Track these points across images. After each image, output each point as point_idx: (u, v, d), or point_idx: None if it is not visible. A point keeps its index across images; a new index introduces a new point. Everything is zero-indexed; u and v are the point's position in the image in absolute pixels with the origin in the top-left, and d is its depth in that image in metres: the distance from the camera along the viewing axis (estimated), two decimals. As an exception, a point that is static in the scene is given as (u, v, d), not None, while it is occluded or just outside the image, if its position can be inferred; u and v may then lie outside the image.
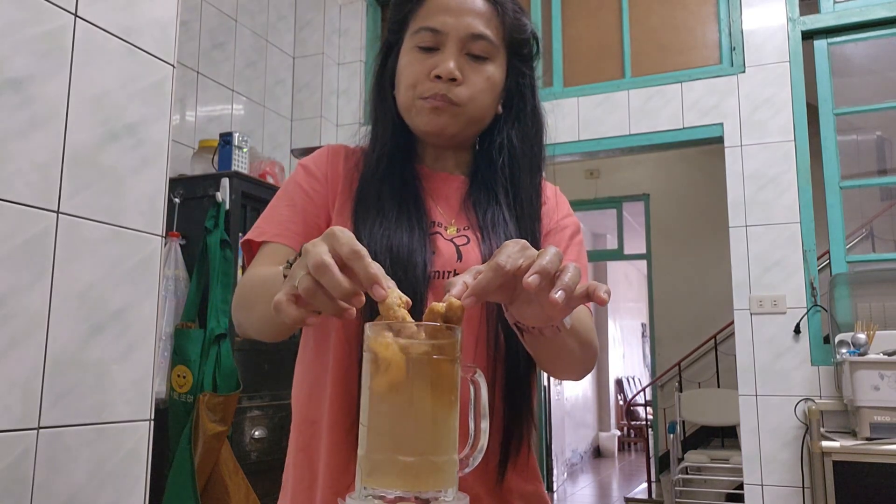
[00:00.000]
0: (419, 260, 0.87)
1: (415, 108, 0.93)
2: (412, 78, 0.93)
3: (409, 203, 0.92)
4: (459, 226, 0.95)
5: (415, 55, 0.94)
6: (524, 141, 0.98)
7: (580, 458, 8.58)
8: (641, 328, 11.21)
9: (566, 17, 3.64)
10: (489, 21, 0.94)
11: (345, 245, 0.62)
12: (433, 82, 0.91)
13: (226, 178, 2.58)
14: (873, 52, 3.61)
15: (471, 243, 0.92)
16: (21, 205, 1.02)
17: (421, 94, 0.92)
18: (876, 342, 2.61)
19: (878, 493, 2.37)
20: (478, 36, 0.92)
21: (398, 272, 0.85)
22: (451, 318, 0.70)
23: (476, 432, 0.73)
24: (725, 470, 4.83)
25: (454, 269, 0.90)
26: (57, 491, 1.06)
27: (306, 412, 0.93)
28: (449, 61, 0.90)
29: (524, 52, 1.01)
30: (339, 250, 0.62)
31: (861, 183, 3.64)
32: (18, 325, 1.01)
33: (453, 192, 0.98)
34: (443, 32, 0.92)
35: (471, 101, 0.92)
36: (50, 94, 1.08)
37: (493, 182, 0.96)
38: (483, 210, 0.94)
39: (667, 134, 3.28)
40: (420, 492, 0.65)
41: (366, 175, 0.95)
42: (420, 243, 0.88)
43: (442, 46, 0.92)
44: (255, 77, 3.21)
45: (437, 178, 0.99)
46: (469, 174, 1.00)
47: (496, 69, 0.95)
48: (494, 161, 0.97)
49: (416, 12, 0.95)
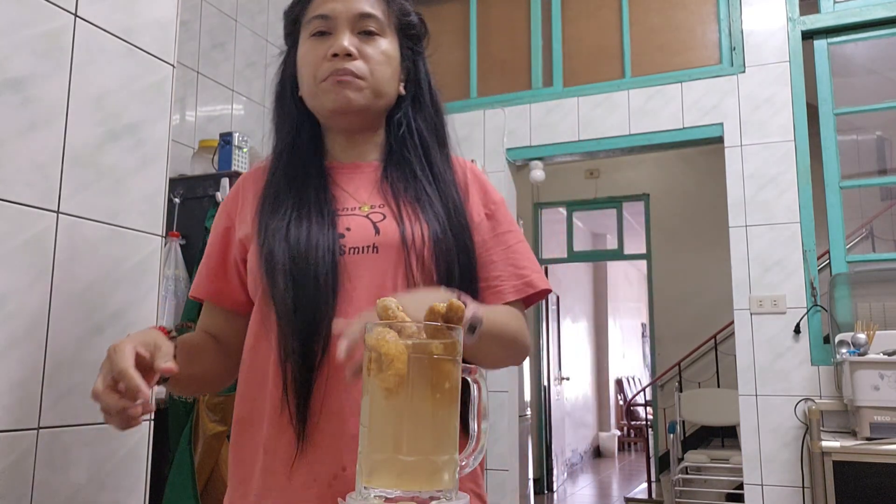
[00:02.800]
0: (321, 245, 0.89)
1: (319, 90, 0.97)
2: (311, 64, 0.97)
3: (309, 194, 0.95)
4: (373, 204, 0.97)
5: (310, 44, 0.98)
6: (427, 119, 1.03)
7: (580, 458, 8.58)
8: (641, 328, 11.20)
9: (566, 17, 3.63)
10: (374, 4, 0.99)
11: (115, 367, 0.77)
12: (331, 61, 0.95)
13: (226, 178, 2.58)
14: (873, 52, 3.61)
15: (387, 219, 0.94)
16: (21, 205, 1.02)
17: (322, 76, 0.96)
18: (876, 342, 2.61)
19: (878, 493, 2.37)
20: (366, 14, 0.97)
21: (299, 262, 0.88)
22: (452, 319, 0.70)
23: (476, 432, 0.73)
24: (725, 470, 4.82)
25: (373, 242, 0.92)
26: (57, 491, 1.06)
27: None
28: (342, 39, 0.95)
29: (412, 33, 1.05)
30: (113, 370, 0.77)
31: (861, 183, 3.64)
32: (18, 325, 1.01)
33: (367, 177, 1.01)
34: (332, 17, 0.97)
35: (371, 74, 0.96)
36: (50, 94, 1.08)
37: (409, 160, 1.00)
38: (403, 187, 0.97)
39: (667, 134, 3.28)
40: (420, 492, 0.64)
41: (268, 175, 1.00)
42: (321, 231, 0.91)
43: (333, 30, 0.97)
44: (255, 77, 3.21)
45: (348, 168, 1.02)
46: (381, 158, 1.02)
47: (389, 44, 1.00)
48: (405, 140, 1.01)
49: (305, 10, 1.00)
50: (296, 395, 0.87)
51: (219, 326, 1.02)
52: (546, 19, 3.66)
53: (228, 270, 1.00)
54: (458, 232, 0.95)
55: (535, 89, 3.59)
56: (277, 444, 0.89)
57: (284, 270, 0.89)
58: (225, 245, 1.02)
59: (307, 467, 0.87)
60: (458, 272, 0.93)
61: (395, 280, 0.91)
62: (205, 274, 1.02)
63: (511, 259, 1.00)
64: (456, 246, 0.94)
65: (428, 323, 0.69)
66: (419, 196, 0.96)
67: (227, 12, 3.09)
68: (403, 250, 0.91)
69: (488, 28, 3.77)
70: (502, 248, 1.00)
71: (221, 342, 1.02)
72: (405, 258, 0.91)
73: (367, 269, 0.91)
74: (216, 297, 1.02)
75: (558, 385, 7.43)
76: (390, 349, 0.64)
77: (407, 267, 0.91)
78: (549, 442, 6.75)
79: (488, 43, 3.75)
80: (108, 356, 0.79)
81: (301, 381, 0.87)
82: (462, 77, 3.74)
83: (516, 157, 3.57)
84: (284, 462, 0.88)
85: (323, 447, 0.87)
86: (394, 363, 0.64)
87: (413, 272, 0.91)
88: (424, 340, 0.66)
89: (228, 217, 1.03)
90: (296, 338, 0.87)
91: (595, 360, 9.77)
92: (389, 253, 0.92)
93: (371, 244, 0.92)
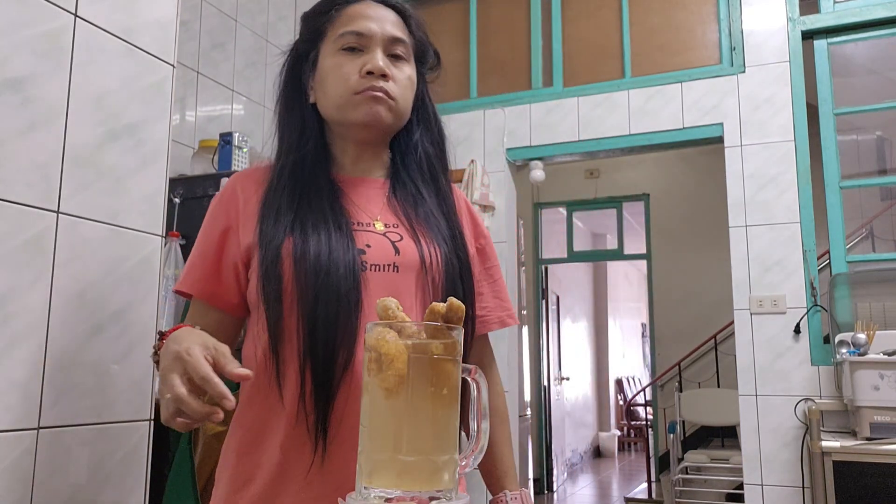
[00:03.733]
0: (344, 259, 0.90)
1: (350, 103, 0.98)
2: (344, 77, 0.98)
3: (323, 204, 0.96)
4: (387, 223, 0.98)
5: (342, 57, 0.99)
6: (434, 144, 1.07)
7: (580, 458, 8.58)
8: (641, 328, 11.20)
9: (566, 17, 3.63)
10: (402, 29, 1.02)
11: (195, 372, 0.74)
12: (365, 78, 0.97)
13: (226, 178, 2.58)
14: (873, 52, 3.61)
15: (405, 240, 0.97)
16: (21, 205, 1.02)
17: (354, 89, 0.97)
18: (876, 342, 2.61)
19: (878, 493, 2.37)
20: (397, 39, 1.00)
21: (320, 275, 0.88)
22: (452, 318, 0.70)
23: (476, 432, 0.73)
24: (725, 470, 4.82)
25: (393, 262, 0.94)
26: (57, 491, 1.06)
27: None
28: (378, 59, 0.97)
29: (426, 62, 1.08)
30: (192, 376, 0.75)
31: (861, 183, 3.64)
32: (18, 325, 1.01)
33: (374, 193, 1.02)
34: (367, 35, 0.98)
35: (400, 97, 0.99)
36: (50, 94, 1.08)
37: (415, 181, 1.03)
38: (413, 206, 1.00)
39: (667, 134, 3.28)
40: (420, 492, 0.64)
41: (271, 185, 0.99)
42: (340, 244, 0.91)
43: (366, 48, 0.98)
44: (255, 77, 3.21)
45: (356, 182, 1.03)
46: (388, 176, 1.05)
47: (412, 70, 1.03)
48: (414, 160, 1.04)
49: (333, 22, 1.01)
50: (315, 408, 0.87)
51: (211, 327, 1.01)
52: (546, 19, 3.66)
53: (224, 272, 0.99)
54: (462, 255, 1.00)
55: (535, 89, 3.59)
56: (294, 455, 0.89)
57: (306, 284, 0.89)
58: (222, 246, 1.00)
59: (329, 477, 0.87)
60: (462, 293, 0.97)
61: (411, 300, 0.94)
62: (199, 273, 1.01)
63: (496, 293, 1.09)
64: (460, 268, 0.98)
65: (428, 323, 0.69)
66: (428, 218, 1.00)
67: (227, 12, 3.09)
68: (423, 271, 0.95)
69: (488, 28, 3.77)
70: (489, 281, 1.09)
71: None
72: (423, 279, 0.95)
73: (385, 288, 0.92)
74: (210, 297, 1.01)
75: (558, 385, 7.43)
76: (390, 349, 0.64)
77: (425, 288, 0.95)
78: (549, 442, 6.74)
79: (488, 43, 3.75)
80: (177, 358, 0.77)
81: (319, 395, 0.87)
82: (462, 77, 3.74)
83: (516, 157, 3.57)
84: (300, 474, 0.88)
85: (343, 460, 0.87)
86: (394, 363, 0.64)
87: (430, 293, 0.95)
88: (424, 340, 0.66)
89: (228, 217, 1.01)
90: (317, 352, 0.87)
91: (595, 360, 9.76)
92: (409, 273, 0.95)
93: (391, 263, 0.94)
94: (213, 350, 0.79)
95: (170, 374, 0.76)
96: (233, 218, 1.01)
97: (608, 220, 7.16)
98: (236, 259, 0.98)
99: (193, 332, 0.84)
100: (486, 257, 1.09)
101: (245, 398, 0.96)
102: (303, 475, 0.88)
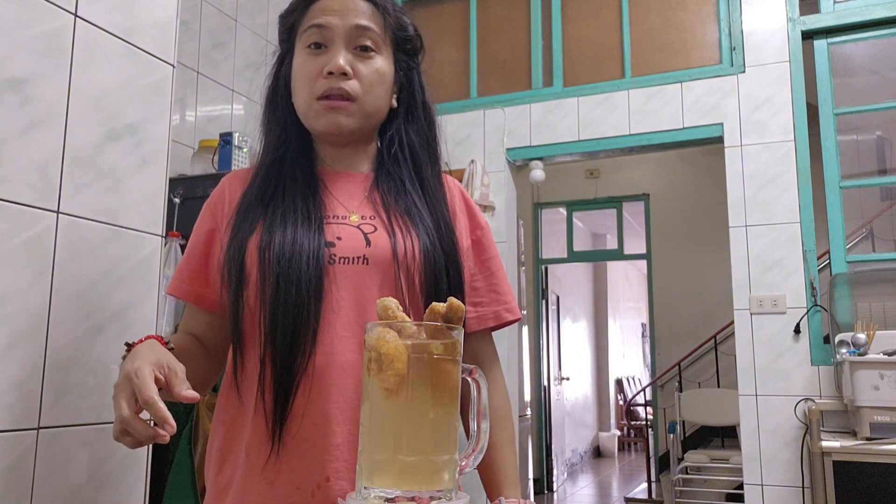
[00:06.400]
0: (306, 250, 0.89)
1: (312, 111, 0.97)
2: (306, 79, 0.97)
3: (297, 198, 0.95)
4: (364, 215, 0.97)
5: (306, 56, 0.98)
6: (419, 133, 1.04)
7: (580, 458, 8.58)
8: (641, 328, 11.20)
9: (566, 17, 3.63)
10: (372, 17, 0.98)
11: (140, 394, 0.74)
12: (326, 79, 0.95)
13: (226, 178, 2.58)
14: (873, 52, 3.61)
15: (378, 231, 0.95)
16: (21, 205, 1.02)
17: (316, 93, 0.96)
18: (876, 342, 2.61)
19: (878, 493, 2.37)
20: (362, 27, 0.97)
21: (282, 264, 0.88)
22: (452, 318, 0.70)
23: (476, 432, 0.73)
24: (725, 470, 4.82)
25: (363, 254, 0.92)
26: (57, 491, 1.06)
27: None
28: (338, 57, 0.95)
29: (408, 47, 1.05)
30: (138, 397, 0.75)
31: (861, 183, 3.64)
32: (18, 325, 1.01)
33: (357, 187, 1.01)
34: (328, 27, 0.96)
35: (364, 94, 0.97)
36: (50, 94, 1.08)
37: (399, 173, 1.01)
38: (394, 199, 0.98)
39: (667, 134, 3.28)
40: (420, 492, 0.64)
41: (251, 184, 0.99)
42: (306, 235, 0.90)
43: (330, 44, 0.97)
44: (255, 77, 3.21)
45: (338, 177, 1.02)
46: (373, 169, 1.03)
47: (384, 62, 1.00)
48: (397, 154, 1.02)
49: (301, 18, 1.00)
50: (273, 400, 0.86)
51: (202, 329, 1.01)
52: (546, 19, 3.66)
53: (210, 273, 0.99)
54: (448, 247, 0.96)
55: (534, 89, 3.59)
56: (258, 449, 0.88)
57: (268, 272, 0.88)
58: (208, 247, 1.00)
59: (289, 475, 0.86)
60: (447, 287, 0.94)
61: (382, 292, 0.91)
62: (186, 275, 1.01)
63: (493, 286, 1.04)
64: (445, 260, 0.95)
65: (428, 323, 0.69)
66: (409, 209, 0.97)
67: (227, 12, 3.09)
68: (394, 263, 0.92)
69: (488, 28, 3.77)
70: (486, 274, 1.04)
71: (205, 344, 1.01)
72: (395, 271, 0.92)
73: (356, 280, 0.91)
74: (196, 299, 1.00)
75: (558, 385, 7.43)
76: (390, 349, 0.64)
77: (396, 280, 0.92)
78: (549, 442, 6.75)
79: (488, 43, 3.75)
80: (126, 378, 0.76)
81: (279, 386, 0.86)
82: (462, 77, 3.74)
83: (516, 157, 3.57)
84: (262, 467, 0.87)
85: (304, 455, 0.86)
86: (394, 363, 0.64)
87: (402, 285, 0.92)
88: (424, 340, 0.66)
89: (213, 218, 1.02)
90: (276, 341, 0.86)
91: (595, 360, 9.77)
92: (379, 265, 0.92)
93: (362, 255, 0.92)
94: (166, 369, 0.79)
95: (118, 395, 0.76)
96: (219, 219, 1.01)
97: (608, 220, 7.16)
98: (221, 259, 0.98)
99: (151, 349, 0.83)
100: (482, 249, 1.05)
101: (222, 394, 0.96)
102: (260, 472, 0.87)
